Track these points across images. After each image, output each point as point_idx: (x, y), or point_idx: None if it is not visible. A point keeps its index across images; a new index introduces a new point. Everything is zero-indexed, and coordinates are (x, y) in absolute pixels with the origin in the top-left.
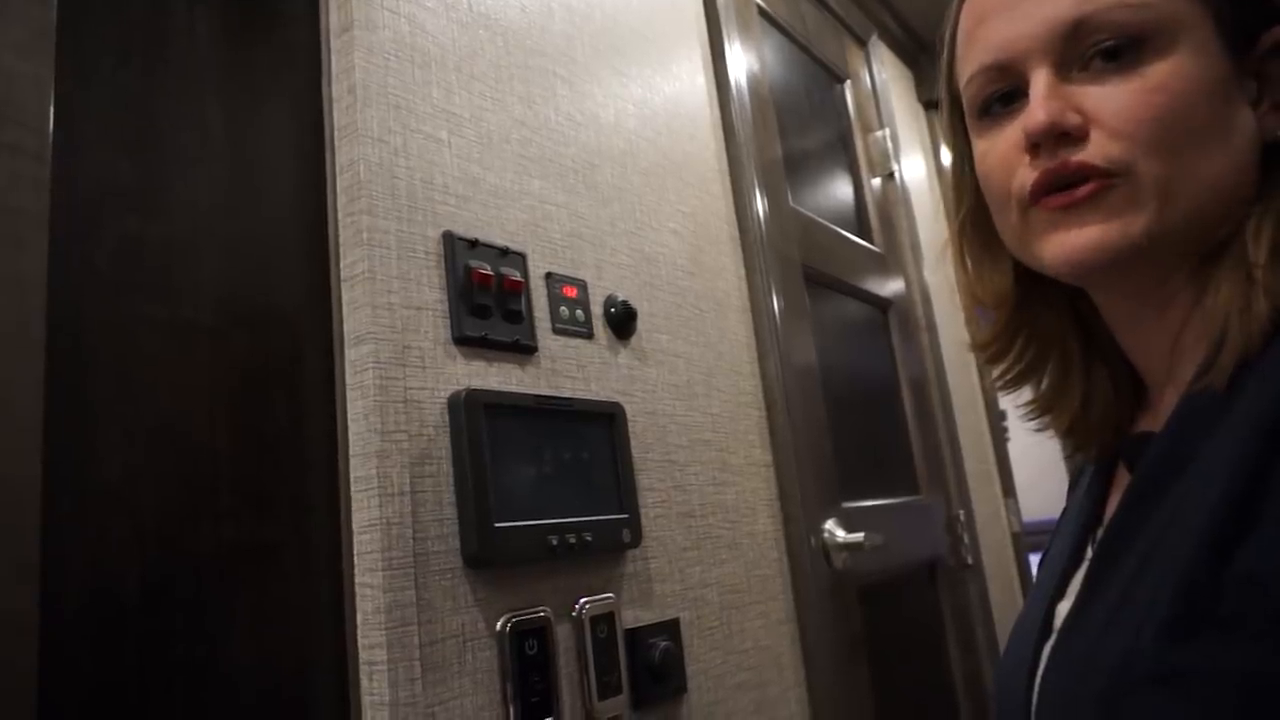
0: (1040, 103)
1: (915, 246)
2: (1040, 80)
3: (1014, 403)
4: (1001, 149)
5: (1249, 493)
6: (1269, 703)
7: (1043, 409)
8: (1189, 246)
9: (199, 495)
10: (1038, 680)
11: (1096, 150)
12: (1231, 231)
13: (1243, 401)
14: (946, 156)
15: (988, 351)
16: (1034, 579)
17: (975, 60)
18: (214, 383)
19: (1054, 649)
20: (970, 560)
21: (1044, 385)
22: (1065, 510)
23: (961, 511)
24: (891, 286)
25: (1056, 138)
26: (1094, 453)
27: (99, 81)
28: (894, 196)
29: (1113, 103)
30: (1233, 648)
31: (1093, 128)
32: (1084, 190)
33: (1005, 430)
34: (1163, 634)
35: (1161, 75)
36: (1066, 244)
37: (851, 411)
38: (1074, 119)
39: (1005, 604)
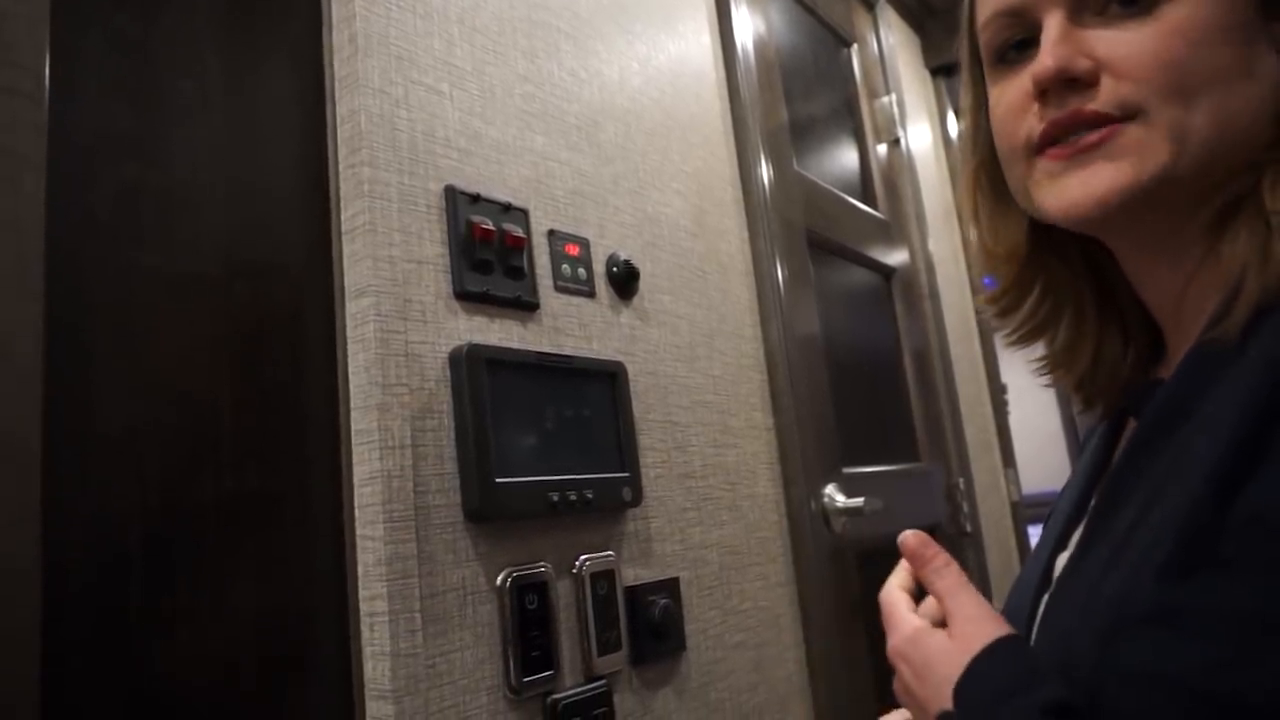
0: (1049, 48)
1: (920, 214)
2: (1052, 25)
3: (1025, 359)
4: (1011, 96)
5: (1258, 434)
6: (1267, 644)
7: (1054, 364)
8: (1202, 194)
9: (200, 447)
10: (1035, 629)
11: (1107, 97)
12: (1249, 184)
13: (1257, 346)
14: (954, 122)
15: (999, 305)
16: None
17: (990, 5)
18: (214, 334)
19: (1052, 596)
20: (969, 528)
21: (1057, 341)
22: (1074, 470)
23: (961, 480)
24: (895, 254)
25: (1065, 84)
26: (1106, 409)
27: (95, 26)
28: (899, 163)
29: (1126, 47)
30: (1232, 588)
31: (1104, 74)
32: (1092, 137)
33: (1006, 402)
34: (1163, 573)
35: (1177, 18)
36: (1070, 190)
37: (853, 378)
38: (1083, 64)
39: (1003, 572)
